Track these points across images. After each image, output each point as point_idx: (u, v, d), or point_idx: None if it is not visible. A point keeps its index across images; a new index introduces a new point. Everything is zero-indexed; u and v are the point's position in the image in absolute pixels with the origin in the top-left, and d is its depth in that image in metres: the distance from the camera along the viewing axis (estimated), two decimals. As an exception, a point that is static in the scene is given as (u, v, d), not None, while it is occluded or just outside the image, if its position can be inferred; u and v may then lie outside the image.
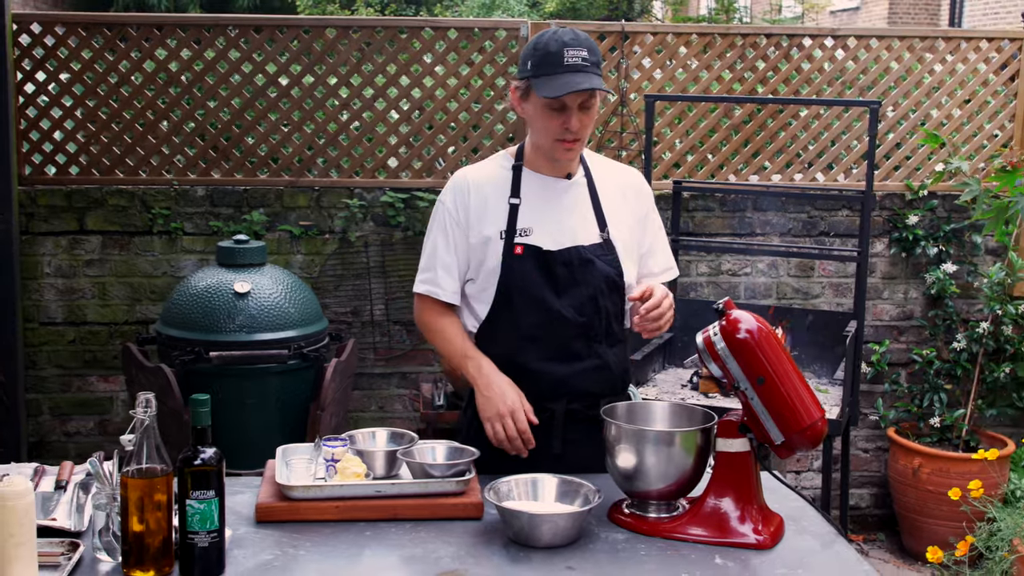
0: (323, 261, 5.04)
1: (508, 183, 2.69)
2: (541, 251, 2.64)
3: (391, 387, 5.18)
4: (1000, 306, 5.10)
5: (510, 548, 2.21)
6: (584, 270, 2.64)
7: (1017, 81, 5.31)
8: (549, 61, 2.52)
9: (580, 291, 2.64)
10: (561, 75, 2.50)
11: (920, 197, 5.28)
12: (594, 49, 2.56)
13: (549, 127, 2.58)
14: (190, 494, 2.04)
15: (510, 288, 2.64)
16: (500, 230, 2.66)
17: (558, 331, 2.62)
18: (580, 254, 2.65)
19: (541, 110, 2.57)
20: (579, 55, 2.52)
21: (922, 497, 4.97)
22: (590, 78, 2.51)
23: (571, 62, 2.51)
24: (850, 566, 2.17)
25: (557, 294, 2.64)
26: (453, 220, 2.69)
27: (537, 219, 2.66)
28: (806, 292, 5.32)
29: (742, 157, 5.27)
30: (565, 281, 2.64)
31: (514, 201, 2.67)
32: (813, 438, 2.22)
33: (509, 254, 2.64)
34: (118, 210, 4.95)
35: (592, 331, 2.66)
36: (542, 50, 2.54)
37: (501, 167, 2.74)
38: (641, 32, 5.15)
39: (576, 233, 2.67)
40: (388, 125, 5.08)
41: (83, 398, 5.06)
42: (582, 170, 2.74)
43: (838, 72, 5.28)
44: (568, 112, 2.55)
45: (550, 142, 2.60)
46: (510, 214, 2.66)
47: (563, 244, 2.65)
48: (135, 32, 4.93)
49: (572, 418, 2.68)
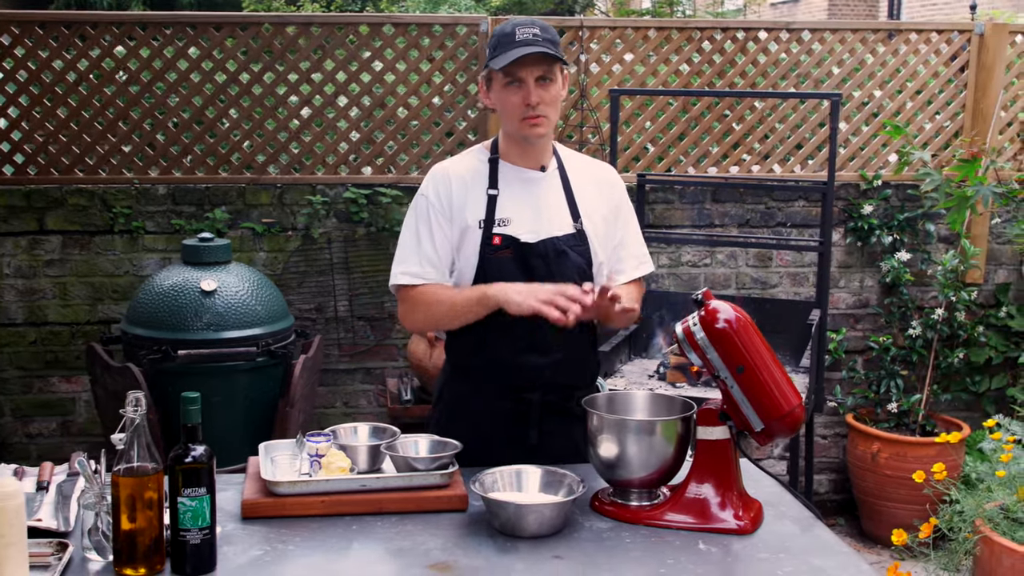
0: (286, 258, 5.04)
1: (486, 175, 2.73)
2: (519, 242, 2.67)
3: (356, 383, 5.19)
4: (953, 293, 5.22)
5: (497, 539, 2.25)
6: (558, 262, 2.68)
7: (967, 72, 5.43)
8: (503, 41, 2.61)
9: (555, 283, 2.64)
10: (513, 48, 2.58)
11: (874, 187, 5.38)
12: (548, 28, 2.63)
13: (511, 105, 2.63)
14: (181, 492, 2.05)
15: (488, 279, 2.66)
16: (479, 219, 2.69)
17: (534, 322, 2.62)
18: (555, 245, 2.69)
19: (502, 91, 2.64)
20: (531, 31, 2.60)
21: (881, 481, 5.07)
22: (541, 48, 2.58)
23: (522, 38, 2.59)
24: (830, 548, 2.23)
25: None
26: (437, 211, 2.71)
27: (515, 210, 2.70)
28: (764, 282, 5.40)
29: (700, 149, 5.34)
30: (541, 273, 2.66)
31: (492, 192, 2.71)
32: (792, 424, 2.27)
33: (487, 244, 2.67)
34: (78, 209, 4.91)
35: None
36: (497, 35, 2.65)
37: (478, 160, 2.77)
38: (599, 26, 5.20)
39: (551, 224, 2.71)
40: (350, 121, 5.09)
41: (45, 399, 5.02)
42: (555, 162, 2.78)
43: (793, 64, 5.36)
44: (525, 86, 2.60)
45: (516, 122, 2.65)
46: (488, 204, 2.70)
47: (540, 235, 2.69)
48: (93, 30, 4.89)
49: (548, 409, 2.72)
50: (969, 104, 5.44)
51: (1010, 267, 5.57)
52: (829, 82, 5.38)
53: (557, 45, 2.64)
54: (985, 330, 5.45)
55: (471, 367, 2.76)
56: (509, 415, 2.68)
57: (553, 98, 2.65)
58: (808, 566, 2.14)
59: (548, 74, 2.62)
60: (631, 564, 2.14)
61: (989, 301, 5.56)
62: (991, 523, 3.55)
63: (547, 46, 2.59)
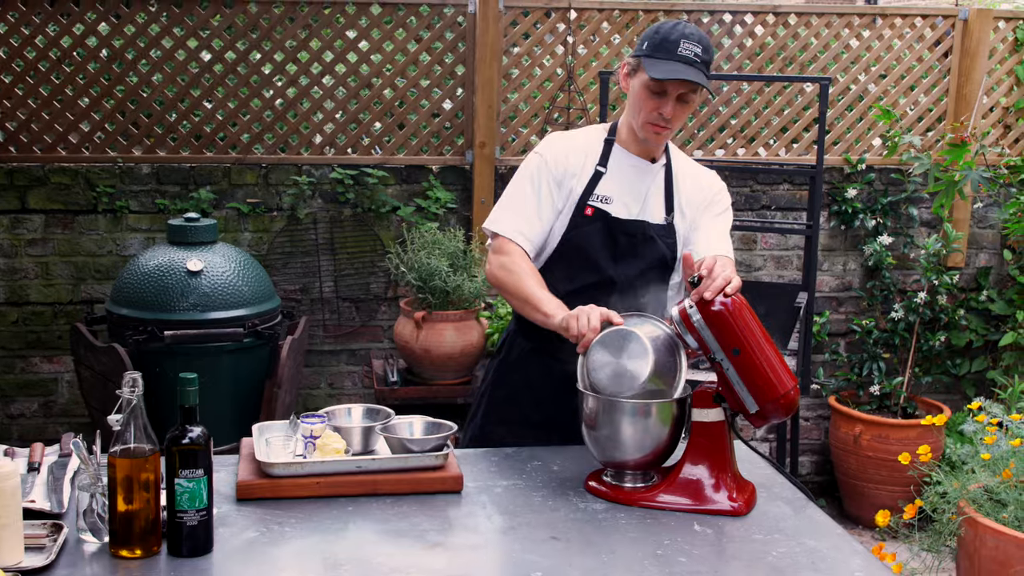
0: (271, 239, 5.01)
1: (599, 153, 2.79)
2: (609, 216, 2.73)
3: (340, 364, 5.19)
4: (935, 276, 5.26)
5: (493, 519, 2.25)
6: (645, 245, 2.75)
7: (951, 57, 5.45)
8: (665, 47, 2.62)
9: (636, 262, 2.74)
10: (672, 62, 2.60)
11: (858, 171, 5.41)
12: (709, 48, 2.66)
13: (645, 107, 2.67)
14: (179, 473, 2.05)
15: (572, 245, 2.74)
16: (581, 191, 2.75)
17: (602, 293, 2.66)
18: (644, 229, 2.75)
19: (642, 90, 2.67)
20: (694, 49, 2.62)
21: (863, 463, 5.11)
22: (697, 73, 2.61)
23: (684, 54, 2.61)
24: (823, 529, 2.25)
25: (614, 259, 2.74)
26: (549, 173, 2.76)
27: (616, 190, 2.76)
28: (749, 264, 5.42)
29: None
30: (625, 249, 2.74)
31: (600, 169, 2.77)
32: (787, 407, 2.29)
33: (579, 213, 2.73)
34: (61, 188, 4.87)
35: (637, 304, 2.67)
36: (662, 35, 2.65)
37: (596, 138, 2.83)
38: (588, 9, 5.18)
39: (646, 210, 2.77)
40: (336, 101, 5.06)
41: (27, 379, 4.99)
42: (665, 158, 2.84)
43: (779, 48, 5.37)
44: (666, 99, 2.64)
45: (641, 122, 2.70)
46: (593, 178, 2.76)
47: (633, 215, 2.75)
48: (76, 7, 4.84)
49: None
50: (952, 89, 5.46)
51: (991, 251, 5.61)
52: (814, 66, 5.39)
53: (711, 65, 2.67)
54: (966, 313, 5.50)
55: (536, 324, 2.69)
56: (563, 376, 2.59)
57: (686, 113, 2.71)
58: (802, 547, 2.16)
59: (691, 94, 2.66)
60: (627, 544, 2.15)
61: (970, 285, 5.60)
62: (975, 504, 3.58)
63: (703, 69, 2.62)
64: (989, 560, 3.44)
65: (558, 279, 2.74)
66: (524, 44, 5.16)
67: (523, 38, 5.17)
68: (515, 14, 5.11)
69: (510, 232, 2.74)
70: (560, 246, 2.76)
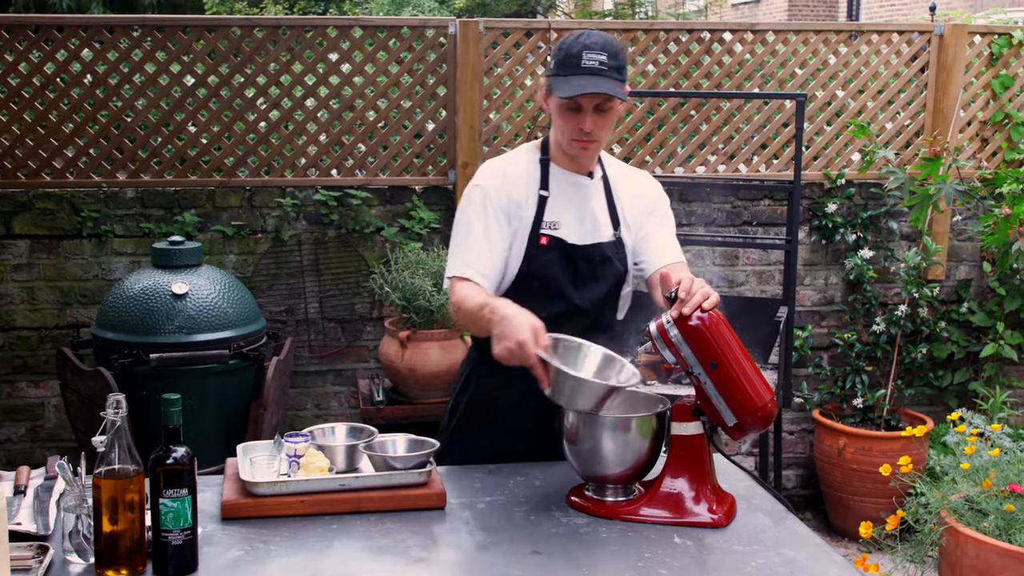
0: (256, 261, 5.04)
1: (537, 175, 2.76)
2: (565, 243, 2.72)
3: (327, 384, 5.20)
4: (916, 289, 5.31)
5: (476, 535, 2.28)
6: (604, 267, 2.76)
7: (927, 72, 5.52)
8: (569, 62, 2.60)
9: (598, 286, 2.75)
10: (576, 77, 2.57)
11: (838, 186, 5.46)
12: (616, 54, 2.61)
13: (566, 126, 2.65)
14: (163, 493, 2.07)
15: (532, 276, 2.72)
16: (529, 220, 2.73)
17: (573, 321, 2.68)
18: (601, 251, 2.75)
19: (559, 109, 2.65)
20: (597, 59, 2.58)
21: (847, 476, 5.15)
22: (604, 82, 2.57)
23: (588, 65, 2.57)
24: (802, 540, 2.28)
25: (576, 286, 2.74)
26: (494, 204, 2.71)
27: (564, 213, 2.74)
28: (731, 280, 5.46)
29: (667, 150, 5.39)
30: (585, 275, 2.74)
31: (543, 193, 2.74)
32: (764, 419, 2.32)
33: (534, 244, 2.71)
34: (46, 213, 4.89)
35: (601, 324, 2.76)
36: (565, 50, 2.63)
37: (530, 160, 2.79)
38: (567, 29, 5.24)
39: (596, 230, 2.77)
40: (319, 124, 5.10)
41: (13, 404, 4.99)
42: (600, 170, 2.83)
43: (758, 65, 5.43)
44: (583, 113, 2.61)
45: (567, 140, 2.68)
46: (539, 204, 2.73)
47: (586, 240, 2.75)
48: (59, 33, 4.87)
49: None
50: (930, 104, 5.53)
51: (971, 263, 5.66)
52: (793, 82, 5.45)
53: (623, 71, 2.63)
54: (947, 326, 5.55)
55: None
56: (534, 406, 2.57)
57: (608, 124, 2.67)
58: (781, 557, 2.19)
59: (607, 104, 2.62)
60: (609, 558, 2.18)
61: (951, 297, 5.66)
62: (956, 514, 3.62)
63: (612, 76, 2.58)
64: (971, 569, 3.47)
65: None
66: (505, 65, 5.21)
67: (504, 59, 5.22)
68: (495, 35, 5.16)
69: (462, 270, 2.68)
70: (519, 278, 2.73)
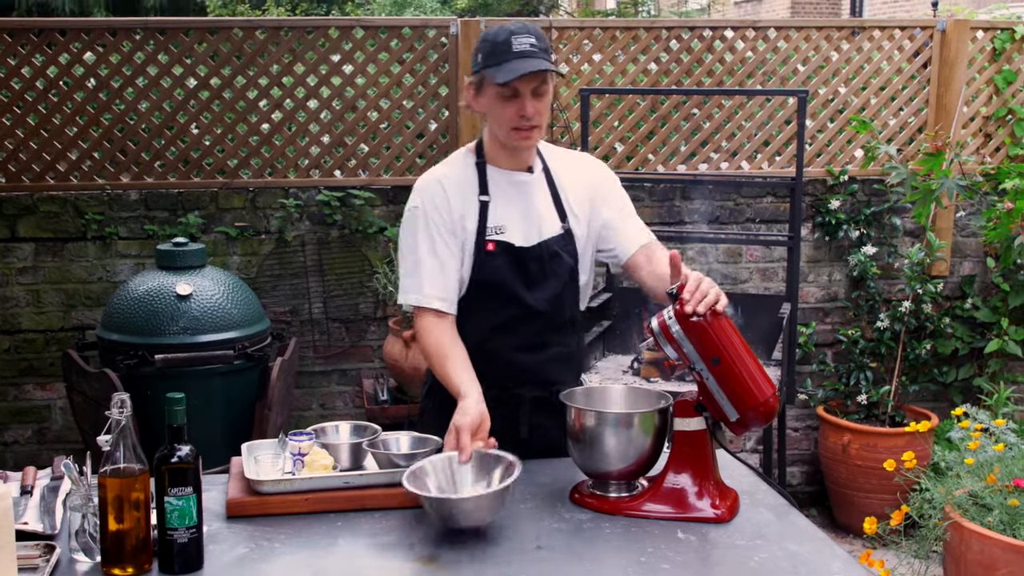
0: (260, 261, 5.05)
1: (475, 181, 2.72)
2: (513, 247, 2.69)
3: (331, 384, 5.21)
4: (920, 285, 5.31)
5: (480, 531, 2.28)
6: (553, 264, 2.71)
7: (930, 68, 5.51)
8: (498, 50, 2.57)
9: (550, 284, 2.71)
10: (511, 61, 2.54)
11: (841, 183, 5.46)
12: (541, 36, 2.60)
13: (505, 116, 2.60)
14: (168, 491, 2.08)
15: (483, 283, 2.68)
16: (474, 228, 2.69)
17: (529, 323, 2.69)
18: (549, 248, 2.71)
19: (495, 100, 2.60)
20: (527, 41, 2.55)
21: (852, 472, 5.15)
22: (540, 62, 2.55)
23: (520, 48, 2.55)
24: (805, 534, 2.28)
25: (528, 288, 2.70)
26: (436, 223, 2.68)
27: (507, 216, 2.70)
28: (735, 277, 5.46)
29: (669, 148, 5.39)
30: (536, 275, 2.70)
31: (484, 198, 2.70)
32: (766, 414, 2.32)
33: (481, 250, 2.68)
34: (50, 216, 4.90)
35: (558, 321, 2.75)
36: (491, 41, 2.59)
37: (466, 165, 2.75)
38: (569, 27, 5.24)
39: (542, 227, 2.72)
40: (321, 125, 5.11)
41: (20, 407, 5.01)
42: (540, 162, 2.78)
43: (760, 62, 5.43)
44: (521, 98, 2.57)
45: (507, 132, 2.63)
46: (481, 211, 2.69)
47: (532, 240, 2.71)
48: (62, 37, 4.89)
49: (538, 404, 2.77)
50: (932, 99, 5.52)
51: (975, 259, 5.66)
52: (795, 79, 5.46)
53: (550, 52, 2.62)
54: (951, 321, 5.55)
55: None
56: (500, 410, 2.67)
57: (546, 107, 2.64)
58: (784, 551, 2.19)
59: (543, 86, 2.59)
60: (611, 553, 2.19)
61: (955, 293, 5.65)
62: (960, 509, 3.62)
63: (544, 57, 2.57)
64: (975, 564, 3.47)
65: (480, 317, 2.70)
66: (507, 64, 5.20)
67: (506, 58, 5.22)
68: (497, 34, 5.16)
69: (425, 301, 2.66)
70: (472, 287, 2.69)
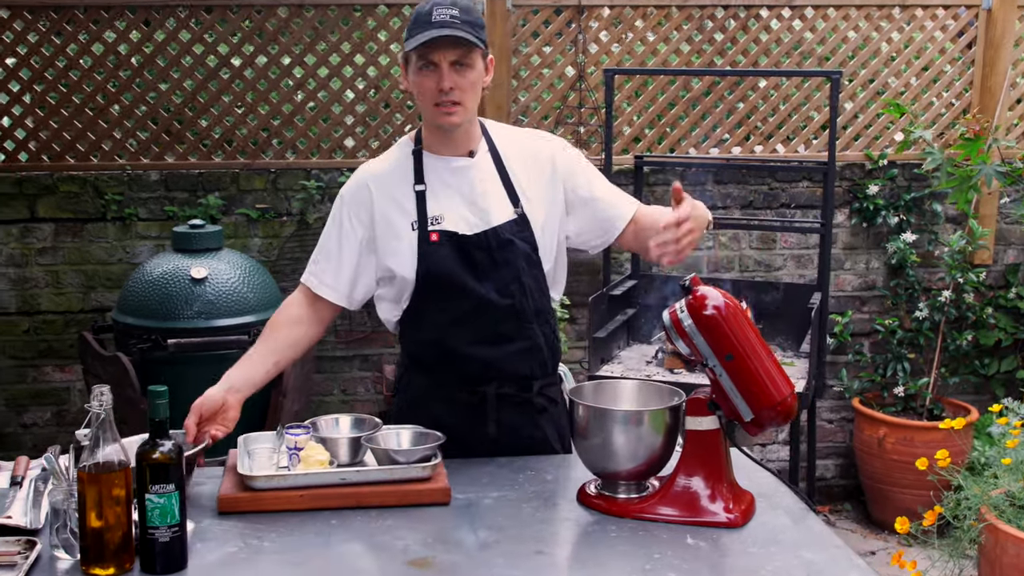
0: (281, 244, 4.97)
1: (411, 169, 2.60)
2: (457, 235, 2.56)
3: (353, 370, 5.13)
4: (961, 274, 5.13)
5: (479, 533, 2.18)
6: (504, 252, 2.57)
7: (974, 48, 5.32)
8: (420, 21, 2.47)
9: (502, 273, 2.56)
10: (427, 30, 2.44)
11: (880, 167, 5.28)
12: (470, 10, 2.49)
13: (424, 91, 2.50)
14: (149, 488, 1.99)
15: (430, 277, 2.56)
16: (411, 221, 2.57)
17: (485, 315, 2.56)
18: (498, 235, 2.57)
19: (416, 76, 2.51)
20: (448, 12, 2.45)
21: (888, 467, 4.99)
22: (456, 32, 2.44)
23: (439, 19, 2.44)
24: (822, 541, 2.16)
25: (478, 279, 2.56)
26: (350, 213, 2.64)
27: (446, 205, 2.58)
28: (768, 264, 5.31)
29: (702, 130, 5.25)
30: (485, 265, 2.57)
31: (419, 188, 2.58)
32: (783, 414, 2.19)
33: (424, 242, 2.55)
34: (70, 196, 4.85)
35: (520, 311, 2.60)
36: (415, 14, 2.51)
37: (403, 154, 2.64)
38: (598, 5, 5.10)
39: (489, 214, 2.58)
40: (344, 105, 5.01)
41: (39, 389, 4.97)
42: (485, 144, 2.64)
43: (796, 42, 5.26)
44: (437, 70, 2.47)
45: (430, 109, 2.51)
46: (418, 201, 2.57)
47: (477, 228, 2.57)
48: (82, 15, 4.82)
49: (505, 401, 2.63)
50: (977, 81, 5.33)
51: (1019, 247, 5.47)
52: (833, 60, 5.28)
53: (479, 28, 2.50)
54: (994, 312, 5.35)
55: (425, 359, 2.68)
56: (466, 408, 2.60)
57: (470, 84, 2.50)
58: (799, 560, 2.07)
59: (464, 59, 2.47)
60: (616, 558, 2.07)
61: (998, 282, 5.46)
62: (996, 511, 3.46)
63: (464, 29, 2.45)
64: (1011, 568, 3.33)
65: (434, 312, 2.59)
66: (533, 43, 5.08)
67: (532, 37, 5.09)
68: (524, 12, 5.04)
69: (306, 277, 2.72)
70: (419, 281, 2.56)
